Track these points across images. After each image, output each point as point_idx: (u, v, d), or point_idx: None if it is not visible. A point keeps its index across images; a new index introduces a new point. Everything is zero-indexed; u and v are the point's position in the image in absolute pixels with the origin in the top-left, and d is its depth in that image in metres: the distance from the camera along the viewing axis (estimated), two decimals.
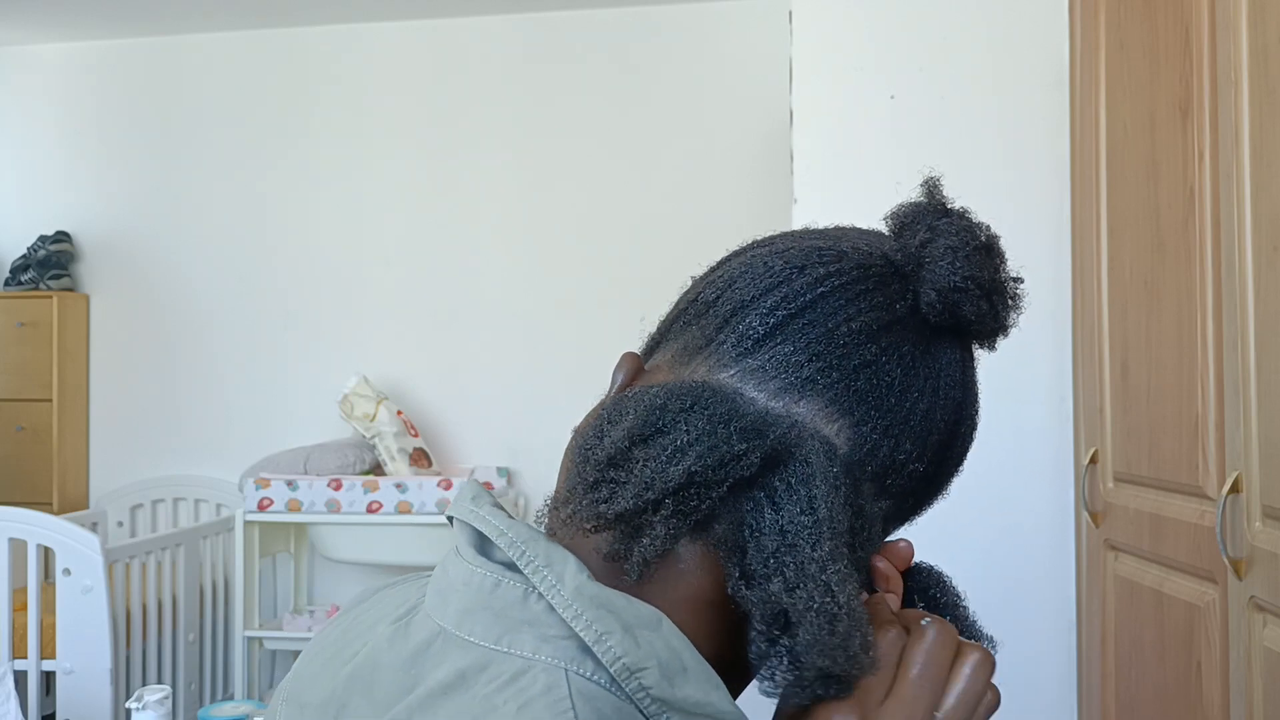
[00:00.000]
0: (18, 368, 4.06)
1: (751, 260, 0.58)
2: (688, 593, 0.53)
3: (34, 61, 4.31)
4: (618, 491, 0.52)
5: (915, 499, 0.59)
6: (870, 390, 0.54)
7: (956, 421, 0.58)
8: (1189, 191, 1.68)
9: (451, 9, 3.97)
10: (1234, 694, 1.52)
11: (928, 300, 0.55)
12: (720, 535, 0.52)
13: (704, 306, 0.58)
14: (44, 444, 4.04)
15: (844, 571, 0.50)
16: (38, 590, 3.05)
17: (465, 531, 0.56)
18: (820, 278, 0.56)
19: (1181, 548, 1.71)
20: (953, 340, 0.57)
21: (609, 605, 0.50)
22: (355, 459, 3.68)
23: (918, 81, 2.39)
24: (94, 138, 4.26)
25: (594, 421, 0.56)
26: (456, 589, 0.54)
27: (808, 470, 0.51)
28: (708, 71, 3.89)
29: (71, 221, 4.25)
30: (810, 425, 0.53)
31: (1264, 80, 1.44)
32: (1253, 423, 1.45)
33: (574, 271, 3.90)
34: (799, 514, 0.50)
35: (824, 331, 0.55)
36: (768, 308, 0.55)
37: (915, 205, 0.59)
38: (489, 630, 0.51)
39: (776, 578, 0.50)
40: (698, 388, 0.54)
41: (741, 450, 0.51)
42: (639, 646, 0.49)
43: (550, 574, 0.51)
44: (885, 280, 0.56)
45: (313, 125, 4.12)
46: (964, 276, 0.55)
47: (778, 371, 0.54)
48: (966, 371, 0.58)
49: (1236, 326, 1.49)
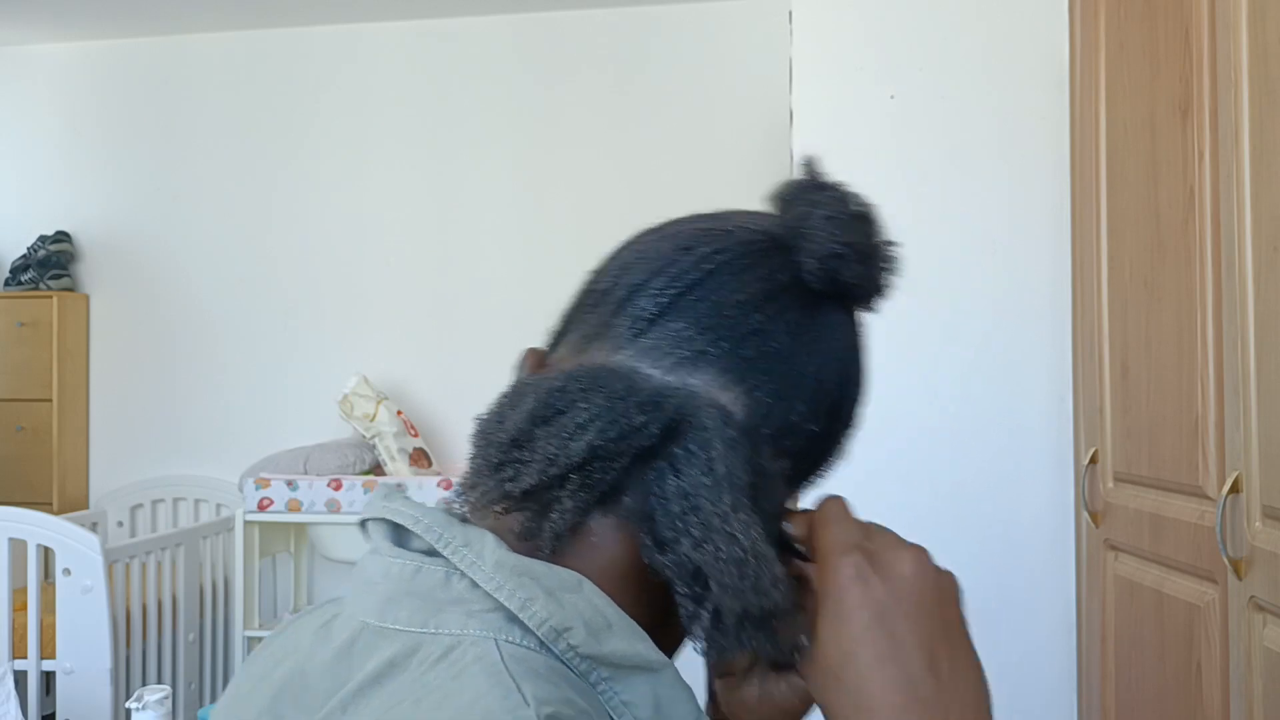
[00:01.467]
0: (18, 368, 4.06)
1: (643, 246, 0.61)
2: (604, 564, 0.55)
3: (34, 62, 4.31)
4: (523, 470, 0.54)
5: (813, 459, 0.61)
6: (760, 357, 0.57)
7: (843, 382, 0.60)
8: (1189, 191, 1.68)
9: (452, 9, 3.97)
10: (1234, 694, 1.52)
11: (809, 268, 0.58)
12: (630, 507, 0.54)
13: (599, 295, 0.61)
14: (44, 444, 4.04)
15: (746, 519, 0.53)
16: (38, 590, 3.05)
17: (380, 528, 0.57)
18: (706, 255, 0.58)
19: (1181, 548, 1.71)
20: (836, 305, 0.60)
21: (530, 573, 0.51)
22: (355, 459, 3.69)
23: (918, 81, 2.39)
24: (94, 138, 4.26)
25: (493, 407, 0.58)
26: (376, 583, 0.54)
27: (705, 435, 0.54)
28: (708, 71, 3.89)
29: (71, 221, 4.25)
30: (706, 395, 0.56)
31: (1264, 80, 1.44)
32: (1253, 423, 1.45)
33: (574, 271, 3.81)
34: (699, 475, 0.53)
35: (712, 305, 0.57)
36: (658, 288, 0.58)
37: (795, 182, 0.62)
38: (414, 616, 0.52)
39: (685, 538, 0.52)
40: (595, 369, 0.56)
41: (641, 422, 0.53)
42: (563, 608, 0.50)
43: (469, 552, 0.52)
44: (768, 253, 0.59)
45: (313, 125, 4.13)
46: (841, 243, 0.58)
47: (671, 347, 0.57)
48: (850, 335, 0.61)
49: (1236, 326, 1.49)
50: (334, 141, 4.11)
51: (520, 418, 0.55)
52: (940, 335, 2.37)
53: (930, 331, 2.37)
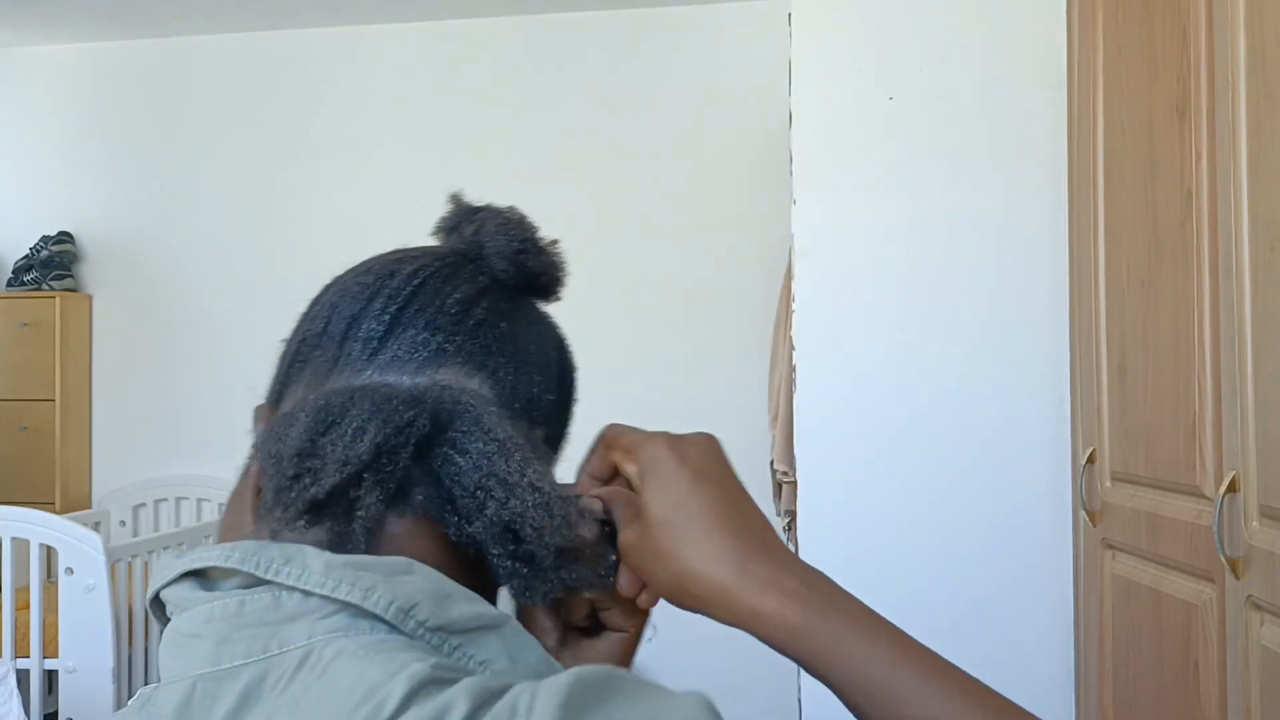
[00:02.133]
0: (20, 368, 4.06)
1: (343, 286, 0.65)
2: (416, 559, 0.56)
3: (37, 63, 4.31)
4: (320, 473, 0.54)
5: (559, 425, 0.67)
6: (492, 343, 0.62)
7: (561, 352, 0.69)
8: (1186, 192, 1.68)
9: (453, 11, 3.98)
10: (1231, 693, 1.53)
11: (500, 268, 0.64)
12: (423, 501, 0.57)
13: (316, 338, 0.64)
14: (47, 444, 4.04)
15: (540, 469, 0.57)
16: (40, 589, 3.06)
17: (179, 589, 0.54)
18: (411, 273, 0.63)
19: (1179, 547, 1.71)
20: (530, 294, 0.68)
21: (362, 565, 0.52)
22: None
23: (917, 82, 2.39)
24: (96, 139, 4.27)
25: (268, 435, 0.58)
26: (198, 634, 0.51)
27: (473, 413, 0.57)
28: (708, 73, 3.90)
29: (74, 222, 4.25)
30: (456, 386, 0.59)
31: (1261, 81, 1.45)
32: (1250, 422, 1.46)
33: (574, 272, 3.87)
34: (483, 445, 0.56)
35: (435, 309, 0.61)
36: (378, 309, 0.62)
37: (450, 214, 0.68)
38: (253, 645, 0.50)
39: (491, 500, 0.55)
40: (347, 389, 0.58)
41: (410, 416, 0.56)
42: (403, 589, 0.51)
43: (293, 568, 0.51)
44: (460, 265, 0.64)
45: (314, 126, 4.13)
46: (520, 240, 0.65)
47: (410, 354, 0.60)
48: (547, 315, 0.69)
49: (1234, 326, 1.50)
50: (335, 142, 4.11)
51: (300, 433, 0.56)
52: (938, 335, 2.38)
53: (928, 332, 2.38)
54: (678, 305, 3.84)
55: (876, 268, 2.39)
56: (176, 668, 0.52)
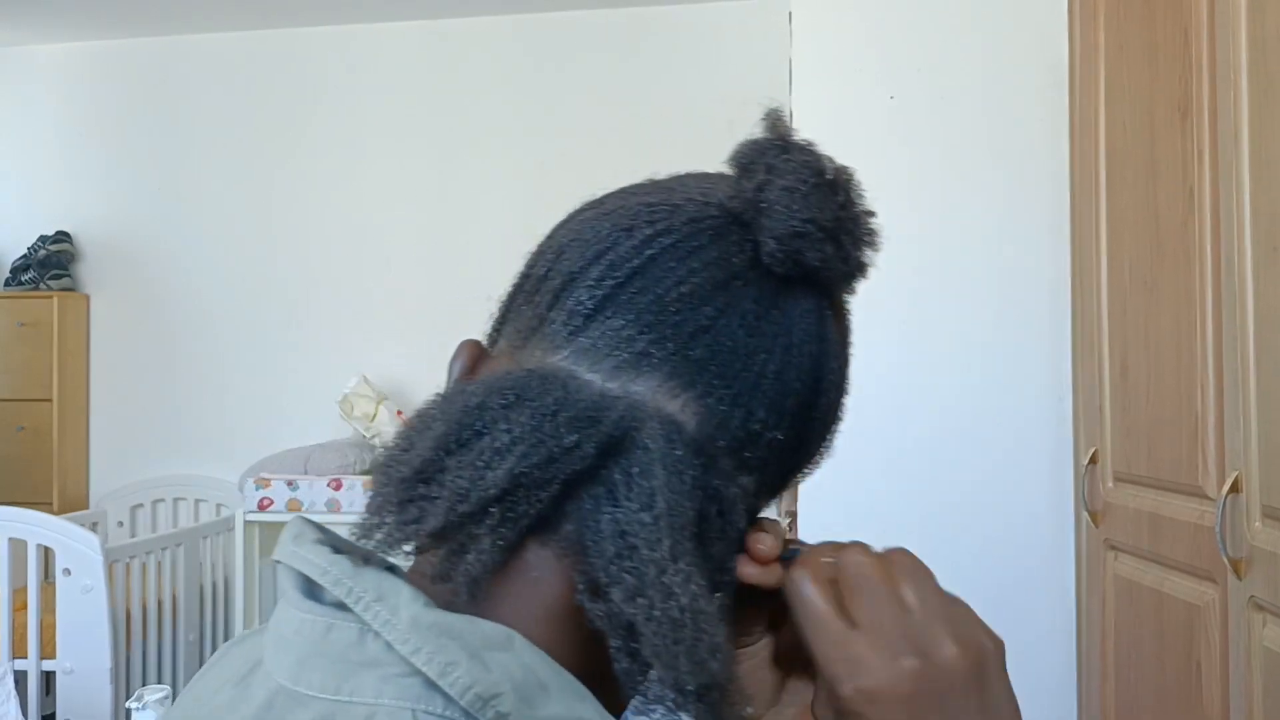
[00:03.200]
0: (18, 368, 4.06)
1: (580, 226, 0.54)
2: (543, 603, 0.48)
3: (34, 62, 4.31)
4: (428, 509, 0.47)
5: (782, 469, 0.53)
6: (711, 357, 0.49)
7: (816, 379, 0.52)
8: (1188, 191, 1.68)
9: (452, 10, 3.98)
10: (1233, 693, 1.52)
11: (768, 250, 0.50)
12: (570, 537, 0.48)
13: (536, 282, 0.54)
14: (44, 444, 4.04)
15: (687, 570, 0.46)
16: (38, 590, 3.05)
17: (290, 575, 0.51)
18: (648, 238, 0.51)
19: (1181, 547, 1.71)
20: (805, 290, 0.52)
21: (450, 631, 0.44)
22: (355, 459, 3.69)
23: (918, 81, 2.39)
24: (94, 138, 4.26)
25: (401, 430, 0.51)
26: (288, 639, 0.48)
27: (647, 457, 0.47)
28: (708, 72, 3.89)
29: (72, 222, 4.25)
30: (651, 404, 0.48)
31: (1263, 80, 1.44)
32: (1252, 422, 1.46)
33: None
34: (638, 510, 0.46)
35: (654, 299, 0.49)
36: (595, 278, 0.50)
37: (754, 143, 0.53)
38: (327, 680, 0.46)
39: (618, 586, 0.46)
40: (523, 378, 0.49)
41: (572, 442, 0.46)
42: (489, 671, 0.44)
43: (383, 608, 0.46)
44: (721, 233, 0.51)
45: (313, 125, 4.13)
46: (802, 219, 0.49)
47: (611, 349, 0.49)
48: (824, 323, 0.53)
49: (1236, 326, 1.49)
50: (334, 141, 4.11)
51: (427, 445, 0.48)
52: (940, 335, 2.37)
53: (930, 332, 2.37)
54: None
55: (877, 267, 2.38)
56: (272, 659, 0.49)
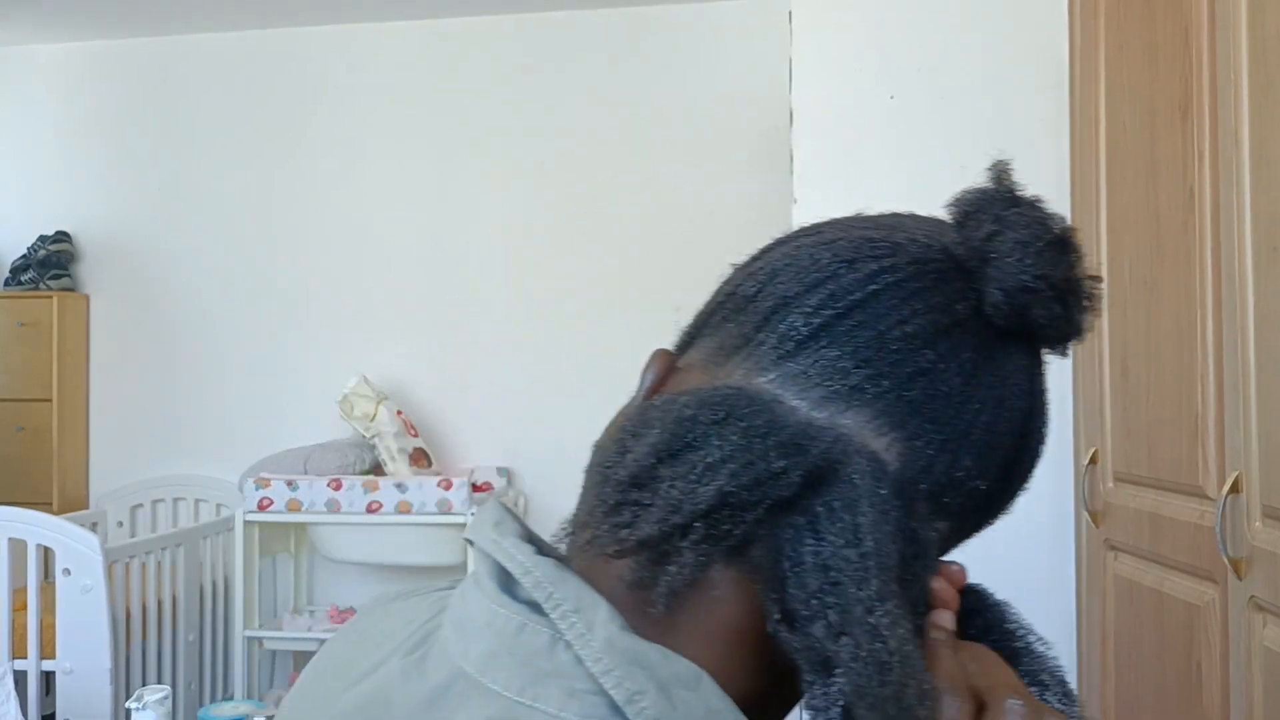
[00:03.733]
0: (18, 368, 4.06)
1: (796, 251, 0.53)
2: (723, 625, 0.49)
3: (34, 61, 4.31)
4: (641, 515, 0.47)
5: (976, 518, 0.54)
6: (926, 401, 0.49)
7: (1023, 435, 0.52)
8: (1188, 192, 1.68)
9: (452, 9, 3.97)
10: (1234, 694, 1.52)
11: (993, 301, 0.50)
12: (758, 562, 0.48)
13: (743, 301, 0.53)
14: (44, 444, 4.03)
15: (895, 612, 0.45)
16: (37, 590, 3.05)
17: (486, 562, 0.51)
18: (872, 274, 0.50)
19: (1181, 548, 1.71)
20: (1020, 345, 0.52)
21: (642, 661, 0.45)
22: (355, 459, 3.68)
23: (918, 81, 2.39)
24: (94, 138, 4.26)
25: (615, 435, 0.51)
26: (479, 628, 0.49)
27: (853, 493, 0.46)
28: (708, 71, 3.89)
29: (71, 221, 4.25)
30: (857, 439, 0.48)
31: (1263, 80, 1.44)
32: (1252, 422, 1.46)
33: (574, 272, 3.90)
34: (843, 546, 0.46)
35: (874, 334, 0.49)
36: (813, 306, 0.50)
37: (981, 192, 0.54)
38: (512, 679, 0.47)
39: (819, 620, 0.45)
40: (733, 395, 0.49)
41: (780, 468, 0.46)
42: (675, 708, 0.44)
43: (579, 621, 0.46)
44: (945, 277, 0.51)
45: (313, 125, 4.13)
46: (1034, 275, 0.49)
47: (822, 378, 0.49)
48: (1034, 379, 0.53)
49: (1236, 326, 1.49)
50: (334, 141, 4.10)
51: (644, 452, 0.48)
52: None
53: None
54: (678, 304, 3.84)
55: None
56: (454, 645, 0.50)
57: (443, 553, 3.44)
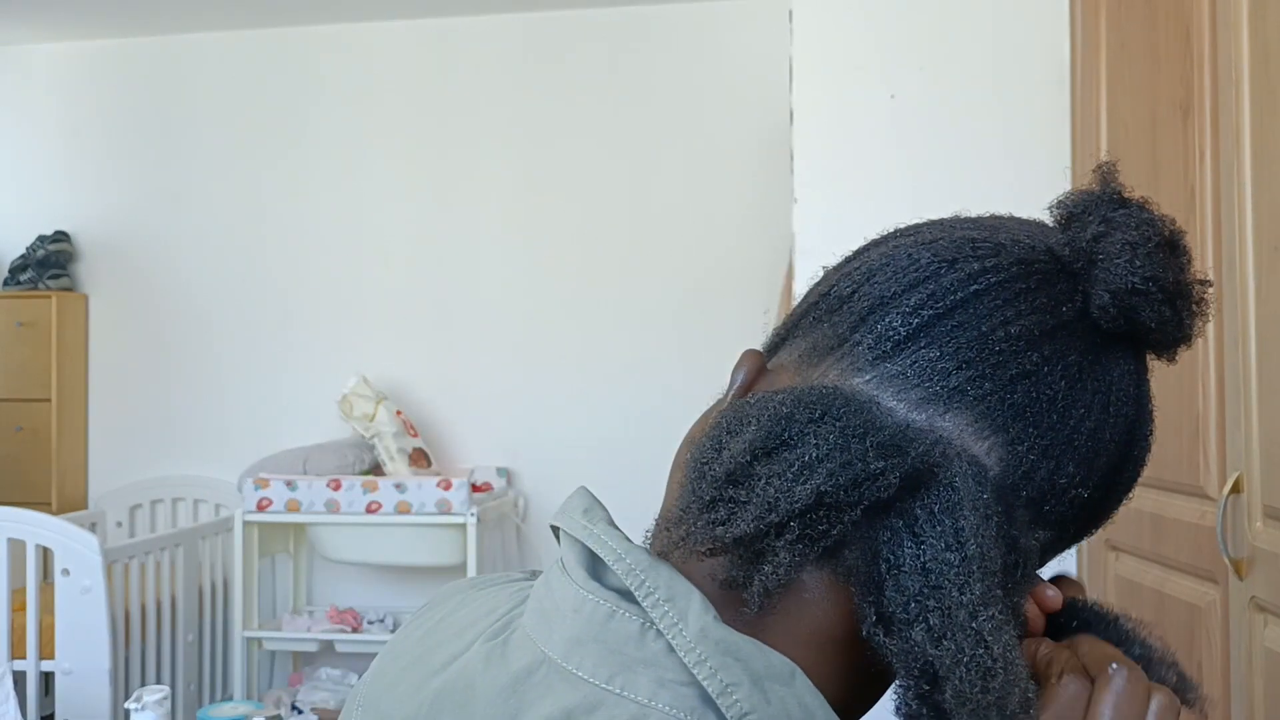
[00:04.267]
0: (17, 368, 4.05)
1: (894, 251, 0.52)
2: (814, 627, 0.48)
3: (33, 61, 4.30)
4: (737, 512, 0.46)
5: (1077, 527, 0.53)
6: (1029, 404, 0.48)
7: (1129, 442, 0.51)
8: (1190, 191, 1.67)
9: (451, 8, 3.97)
10: (1234, 694, 1.52)
11: (1100, 303, 0.49)
12: (851, 565, 0.47)
13: (838, 301, 0.52)
14: (43, 444, 4.03)
15: (998, 618, 0.44)
16: (36, 590, 3.05)
17: (575, 549, 0.51)
18: (974, 274, 0.49)
19: (1182, 548, 1.70)
20: (1126, 349, 0.51)
21: (736, 653, 0.45)
22: (354, 459, 3.68)
23: (918, 81, 2.38)
24: (93, 138, 4.26)
25: (710, 431, 0.50)
26: (565, 614, 0.48)
27: (954, 496, 0.46)
28: (708, 71, 3.89)
29: (70, 221, 4.24)
30: (957, 443, 0.48)
31: (1265, 80, 1.44)
32: (1253, 423, 1.45)
33: (574, 271, 3.90)
34: (944, 550, 0.45)
35: (977, 335, 0.48)
36: (911, 306, 0.49)
37: (1087, 194, 0.52)
38: (600, 667, 0.46)
39: (919, 624, 0.45)
40: (829, 394, 0.48)
41: (878, 469, 0.46)
42: (769, 703, 0.44)
43: (672, 610, 0.46)
44: (1050, 279, 0.50)
45: (312, 125, 4.12)
46: (1144, 277, 0.48)
47: (921, 379, 0.48)
48: (1141, 384, 0.52)
49: (1237, 326, 1.49)
50: (333, 141, 4.10)
51: (740, 448, 0.47)
52: None
53: None
54: (678, 304, 3.83)
55: None
56: (538, 631, 0.49)
57: (442, 553, 3.44)
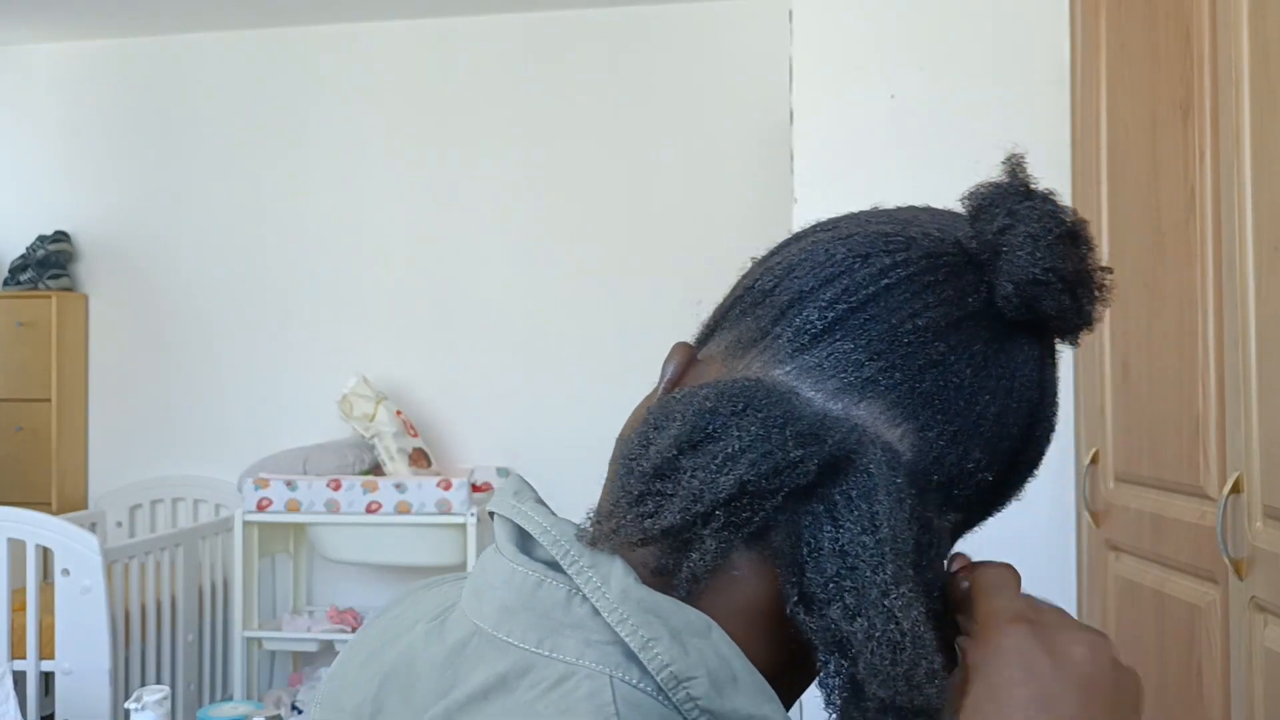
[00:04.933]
0: (17, 368, 4.05)
1: (813, 246, 0.54)
2: (741, 603, 0.50)
3: (33, 61, 4.30)
4: (664, 505, 0.49)
5: (982, 509, 0.55)
6: (937, 392, 0.50)
7: (1031, 425, 0.54)
8: (1190, 191, 1.67)
9: (451, 8, 3.97)
10: (1234, 694, 1.52)
11: (1004, 293, 0.51)
12: (777, 546, 0.49)
13: (760, 295, 0.54)
14: (43, 444, 4.03)
15: (909, 595, 0.47)
16: (36, 590, 3.05)
17: (506, 527, 0.53)
18: (885, 268, 0.52)
19: (1182, 548, 1.70)
20: (1030, 336, 0.53)
21: (656, 610, 0.47)
22: (354, 459, 3.68)
23: (918, 81, 2.38)
24: (93, 137, 4.26)
25: (639, 428, 0.53)
26: (496, 587, 0.51)
27: (869, 482, 0.48)
28: (708, 71, 3.89)
29: (70, 221, 4.24)
30: (871, 430, 0.50)
31: (1265, 80, 1.44)
32: (1253, 423, 1.45)
33: (574, 271, 3.90)
34: (860, 533, 0.47)
35: (887, 328, 0.51)
36: (827, 300, 0.52)
37: (995, 186, 0.54)
38: (530, 632, 0.49)
39: (836, 603, 0.47)
40: (750, 387, 0.51)
41: (797, 457, 0.48)
42: (687, 654, 0.46)
43: (595, 575, 0.48)
44: (957, 271, 0.52)
45: (312, 125, 4.12)
46: (1044, 268, 0.50)
47: (837, 370, 0.51)
48: (1044, 370, 0.54)
49: (1237, 326, 1.49)
50: (333, 141, 4.10)
51: (666, 443, 0.50)
52: None
53: None
54: (678, 304, 3.83)
55: None
56: (471, 606, 0.52)
57: (442, 553, 3.44)
